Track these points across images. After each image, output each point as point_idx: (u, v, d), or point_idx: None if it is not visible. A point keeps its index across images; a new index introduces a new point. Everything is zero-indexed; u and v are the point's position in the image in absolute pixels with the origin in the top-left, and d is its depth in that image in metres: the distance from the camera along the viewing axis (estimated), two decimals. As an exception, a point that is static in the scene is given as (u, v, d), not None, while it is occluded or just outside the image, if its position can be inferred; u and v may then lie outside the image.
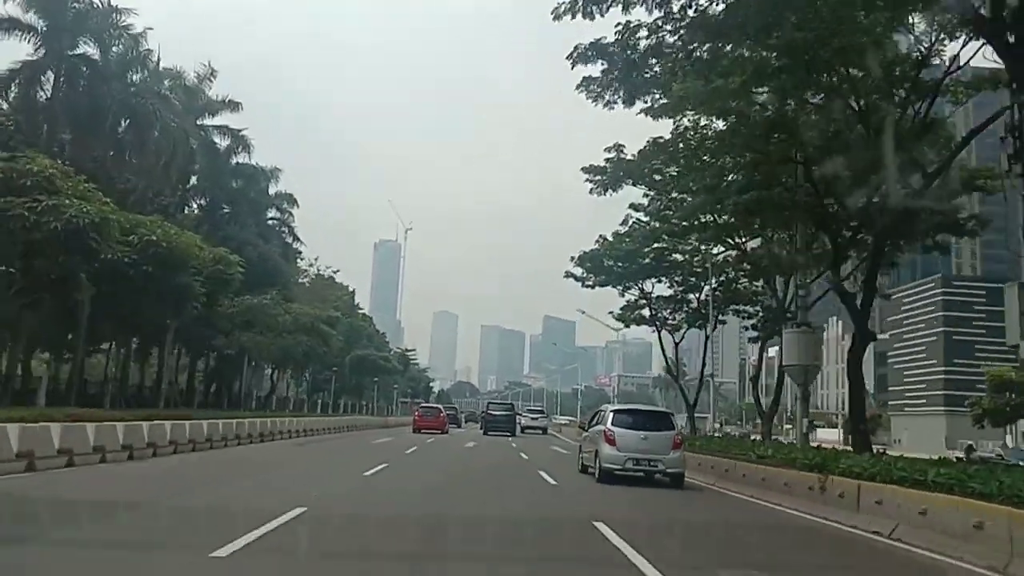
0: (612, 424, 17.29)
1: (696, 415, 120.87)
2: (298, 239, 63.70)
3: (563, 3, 17.04)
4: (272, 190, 60.38)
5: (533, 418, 60.62)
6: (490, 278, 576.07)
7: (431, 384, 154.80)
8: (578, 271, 41.30)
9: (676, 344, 44.33)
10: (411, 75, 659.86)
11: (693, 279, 40.91)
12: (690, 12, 17.05)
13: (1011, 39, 15.05)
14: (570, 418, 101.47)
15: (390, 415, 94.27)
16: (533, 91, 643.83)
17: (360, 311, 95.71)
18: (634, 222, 36.80)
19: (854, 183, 20.42)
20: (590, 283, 41.55)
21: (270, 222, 61.35)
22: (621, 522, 10.52)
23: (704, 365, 43.60)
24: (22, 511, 9.75)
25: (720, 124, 24.89)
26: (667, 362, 44.93)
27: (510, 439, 44.27)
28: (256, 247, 46.62)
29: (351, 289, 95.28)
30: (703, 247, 37.05)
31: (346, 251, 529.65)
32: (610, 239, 39.17)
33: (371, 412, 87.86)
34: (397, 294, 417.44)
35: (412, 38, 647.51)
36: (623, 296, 42.20)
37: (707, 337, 42.62)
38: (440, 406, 59.62)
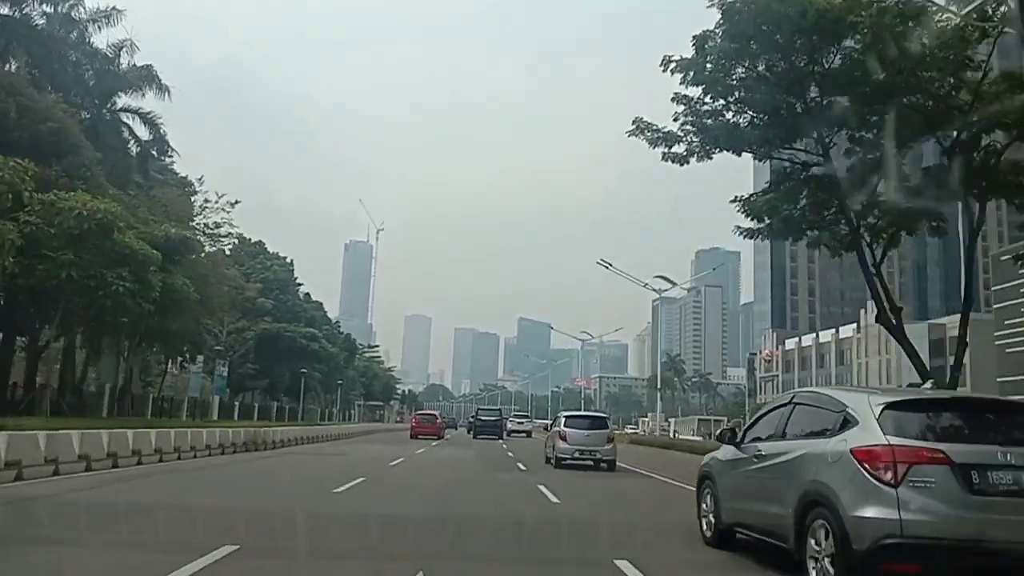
0: (564, 426, 21.80)
1: (707, 416, 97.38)
2: (168, 146, 39.40)
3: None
4: (124, 63, 36.66)
5: (519, 423, 58.40)
6: (464, 281, 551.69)
7: (397, 384, 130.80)
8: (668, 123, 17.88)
9: (875, 266, 20.58)
10: (386, 77, 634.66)
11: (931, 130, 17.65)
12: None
13: None
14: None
15: (331, 420, 69.87)
16: (513, 94, 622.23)
17: (298, 284, 71.43)
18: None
19: None
20: (685, 148, 18.08)
21: (124, 116, 37.30)
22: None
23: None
24: None
25: None
26: (883, 304, 21.09)
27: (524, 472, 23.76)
28: (26, 101, 22.68)
29: (288, 260, 71.14)
30: None
31: (315, 252, 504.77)
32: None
33: (292, 418, 63.69)
34: (368, 297, 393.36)
35: (388, 39, 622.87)
36: (766, 161, 18.50)
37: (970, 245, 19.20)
38: (436, 413, 55.27)
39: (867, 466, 5.49)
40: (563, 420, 22.47)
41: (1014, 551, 5.18)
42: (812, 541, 5.85)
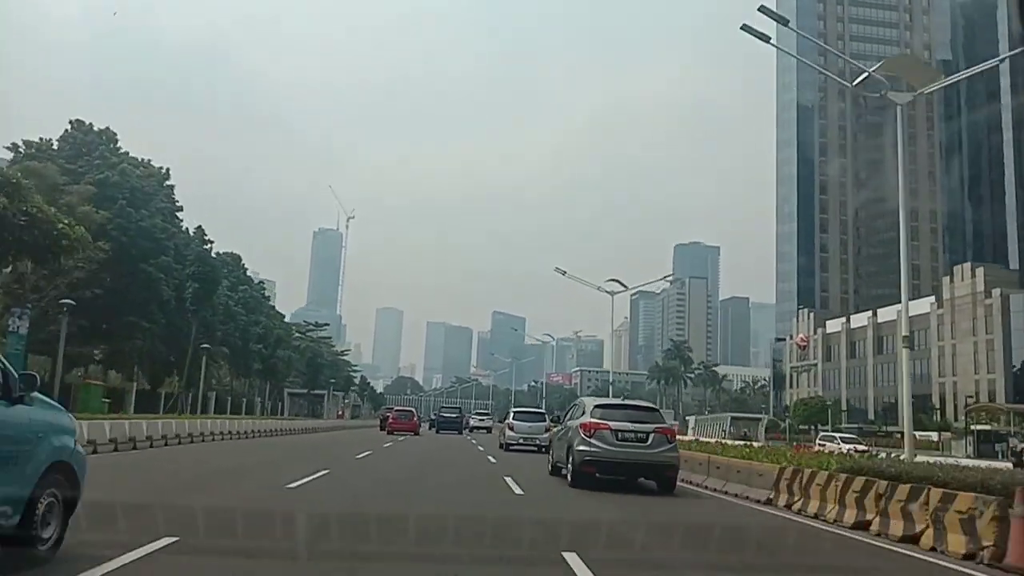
0: (512, 419, 27.68)
1: (745, 414, 72.51)
2: None
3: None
4: None
5: (480, 419, 54.57)
6: (437, 274, 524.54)
7: (353, 372, 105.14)
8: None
9: None
10: (359, 66, 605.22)
11: None
12: None
13: None
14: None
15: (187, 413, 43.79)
16: (481, 84, 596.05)
17: (177, 206, 45.26)
18: None
19: None
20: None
21: None
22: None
23: None
24: None
25: None
26: None
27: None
28: None
29: (162, 169, 45.15)
30: None
31: (283, 242, 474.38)
32: None
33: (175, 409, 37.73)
34: (338, 287, 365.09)
35: (360, 26, 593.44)
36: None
37: None
38: (412, 409, 49.56)
39: (582, 430, 13.00)
40: (511, 415, 28.92)
41: (627, 460, 12.85)
42: (565, 460, 14.08)
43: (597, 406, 13.57)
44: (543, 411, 31.60)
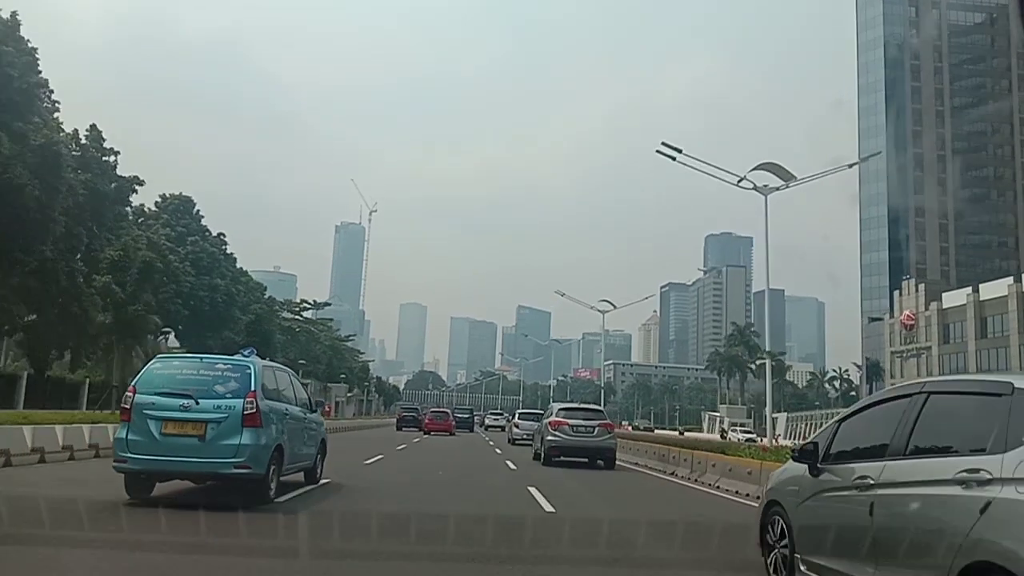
0: (517, 419, 32.13)
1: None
2: None
3: None
4: None
5: (495, 419, 56.37)
6: (460, 269, 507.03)
7: (361, 358, 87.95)
8: None
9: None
10: (380, 61, 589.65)
11: None
12: None
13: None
14: None
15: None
16: (506, 81, 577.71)
17: (41, 85, 27.70)
18: None
19: None
20: None
21: None
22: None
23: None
24: None
25: None
26: None
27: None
28: None
29: (12, 14, 27.84)
30: None
31: (307, 236, 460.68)
32: None
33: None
34: (361, 281, 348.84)
35: (384, 23, 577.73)
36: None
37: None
38: (448, 410, 48.30)
39: (550, 426, 18.07)
40: (517, 415, 33.98)
41: (579, 446, 18.14)
42: (540, 447, 18.82)
43: (560, 409, 19.19)
44: (541, 412, 35.48)
